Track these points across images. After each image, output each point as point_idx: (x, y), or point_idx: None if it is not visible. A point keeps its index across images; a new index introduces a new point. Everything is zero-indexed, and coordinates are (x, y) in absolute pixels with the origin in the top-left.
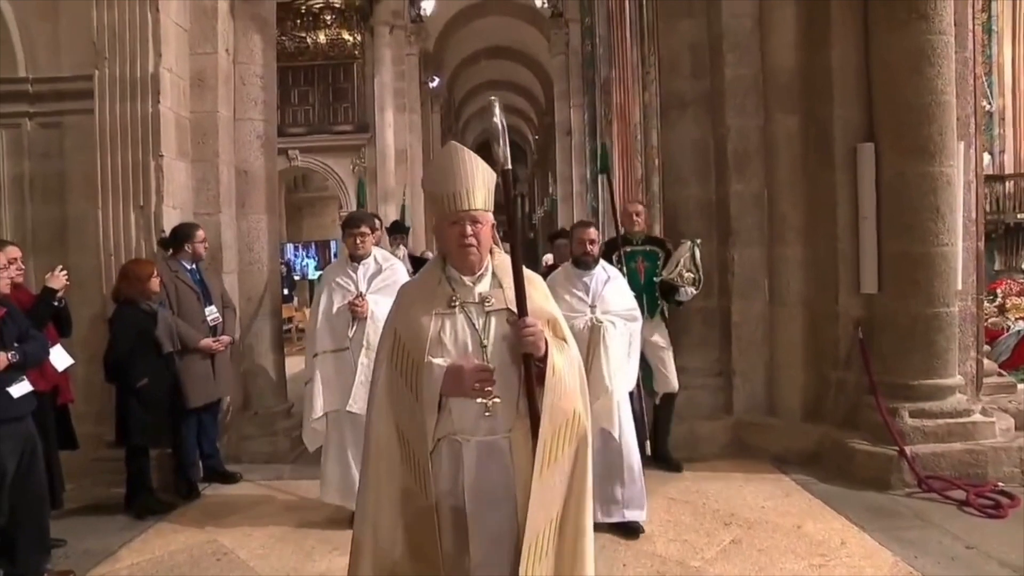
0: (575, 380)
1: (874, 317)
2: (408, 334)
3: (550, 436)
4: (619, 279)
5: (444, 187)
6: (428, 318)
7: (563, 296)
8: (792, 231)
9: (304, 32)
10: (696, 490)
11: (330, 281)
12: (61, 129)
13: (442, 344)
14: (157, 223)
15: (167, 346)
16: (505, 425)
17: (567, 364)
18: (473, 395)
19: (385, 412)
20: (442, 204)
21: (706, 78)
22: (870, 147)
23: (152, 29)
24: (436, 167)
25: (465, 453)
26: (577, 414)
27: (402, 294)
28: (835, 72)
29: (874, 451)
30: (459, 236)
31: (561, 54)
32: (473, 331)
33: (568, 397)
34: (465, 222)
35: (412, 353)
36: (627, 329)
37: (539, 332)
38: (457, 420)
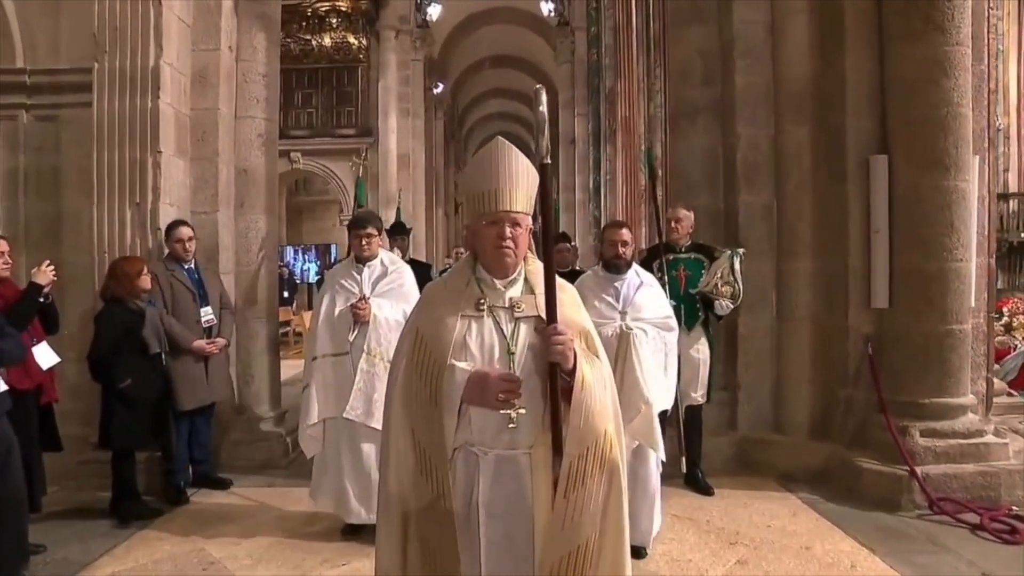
0: (607, 399)
1: (884, 333)
2: (431, 334)
3: (576, 457)
4: (653, 285)
5: (484, 184)
6: (454, 319)
7: (591, 302)
8: (801, 244)
9: (309, 34)
10: (700, 507)
11: (334, 282)
12: (58, 122)
13: (467, 348)
14: (153, 221)
15: (154, 346)
16: (527, 440)
17: (598, 381)
18: (497, 406)
19: (400, 416)
20: (481, 202)
21: (716, 86)
22: (883, 159)
23: (154, 23)
24: (478, 162)
25: (482, 467)
26: (608, 436)
27: (428, 292)
28: (848, 82)
29: (883, 471)
30: (496, 238)
31: (567, 62)
32: (501, 337)
33: (599, 416)
34: (504, 223)
35: (434, 354)
36: (661, 339)
37: (568, 341)
38: (477, 430)
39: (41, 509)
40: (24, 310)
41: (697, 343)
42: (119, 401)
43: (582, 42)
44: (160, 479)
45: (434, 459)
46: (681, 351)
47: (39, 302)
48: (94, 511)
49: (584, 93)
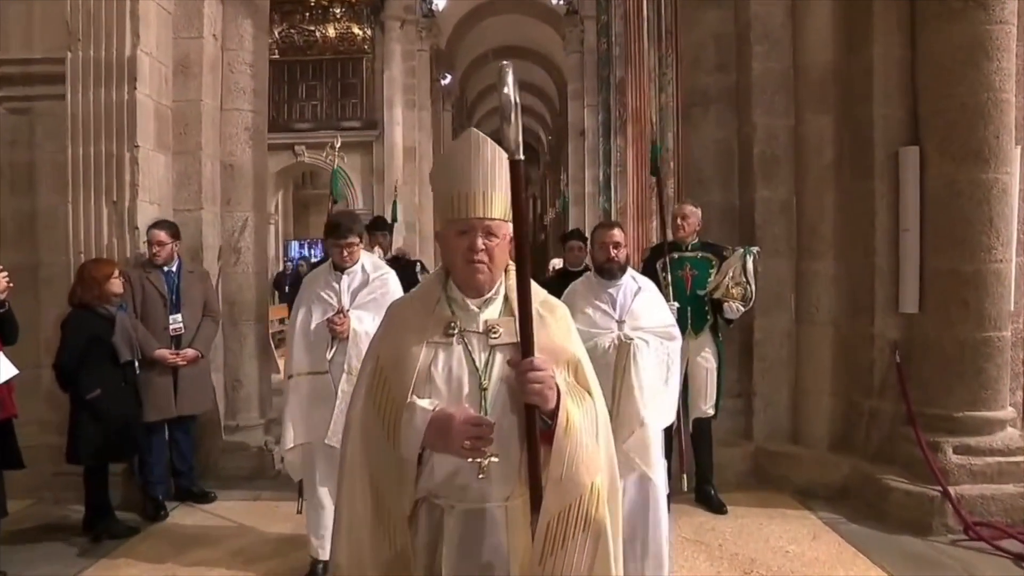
0: (597, 445)
1: (914, 340)
2: (391, 364)
3: (556, 516)
4: (652, 290)
5: (455, 185)
6: (419, 347)
7: (584, 310)
8: (823, 243)
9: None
10: (712, 528)
11: (310, 292)
12: (32, 115)
13: (431, 382)
14: (131, 219)
15: (125, 354)
16: (502, 491)
17: (587, 422)
18: (463, 454)
19: (359, 458)
20: (450, 206)
21: (732, 73)
22: (914, 151)
23: (130, 9)
24: (448, 159)
25: (447, 522)
26: (596, 490)
27: (391, 313)
28: (876, 67)
29: (913, 490)
30: (467, 250)
31: (576, 52)
32: (472, 369)
33: (585, 466)
34: (477, 233)
35: (394, 389)
36: (664, 349)
37: (547, 378)
38: (441, 481)
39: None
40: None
41: (704, 350)
42: (87, 413)
43: (591, 31)
44: (139, 492)
45: (394, 513)
46: (688, 358)
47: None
48: (68, 527)
49: (594, 84)
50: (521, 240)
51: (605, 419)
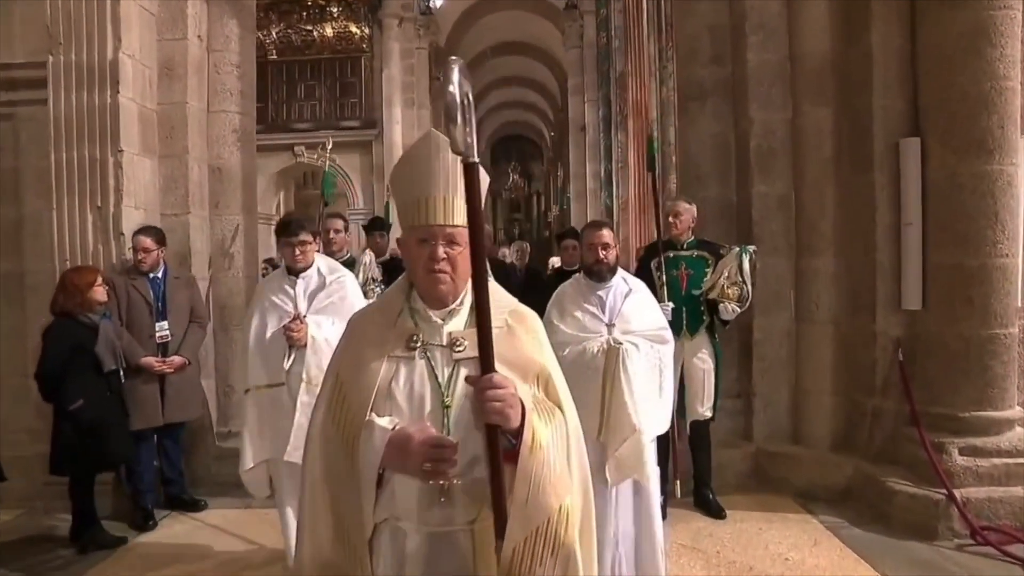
0: (566, 465)
1: (917, 338)
2: (351, 379)
3: (522, 540)
4: (643, 292)
5: (414, 190)
6: (379, 361)
7: (573, 313)
8: (823, 238)
9: (310, 25)
10: (710, 534)
11: (263, 299)
12: (14, 121)
13: (392, 398)
14: (116, 225)
15: (108, 363)
16: (467, 514)
17: (556, 441)
18: (423, 477)
19: (319, 478)
20: (410, 213)
21: (727, 65)
22: (915, 142)
23: (111, 11)
24: (407, 162)
25: (409, 546)
26: (564, 512)
27: (352, 325)
28: (875, 56)
29: (917, 493)
30: (428, 259)
31: (575, 47)
32: (434, 385)
33: (553, 488)
34: (438, 241)
35: (353, 406)
36: (655, 354)
37: (508, 396)
38: (401, 502)
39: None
40: None
41: (701, 351)
42: (70, 423)
43: (591, 25)
44: (128, 502)
45: (353, 537)
46: (684, 360)
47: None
48: (56, 538)
49: (594, 79)
50: (477, 249)
51: (578, 435)
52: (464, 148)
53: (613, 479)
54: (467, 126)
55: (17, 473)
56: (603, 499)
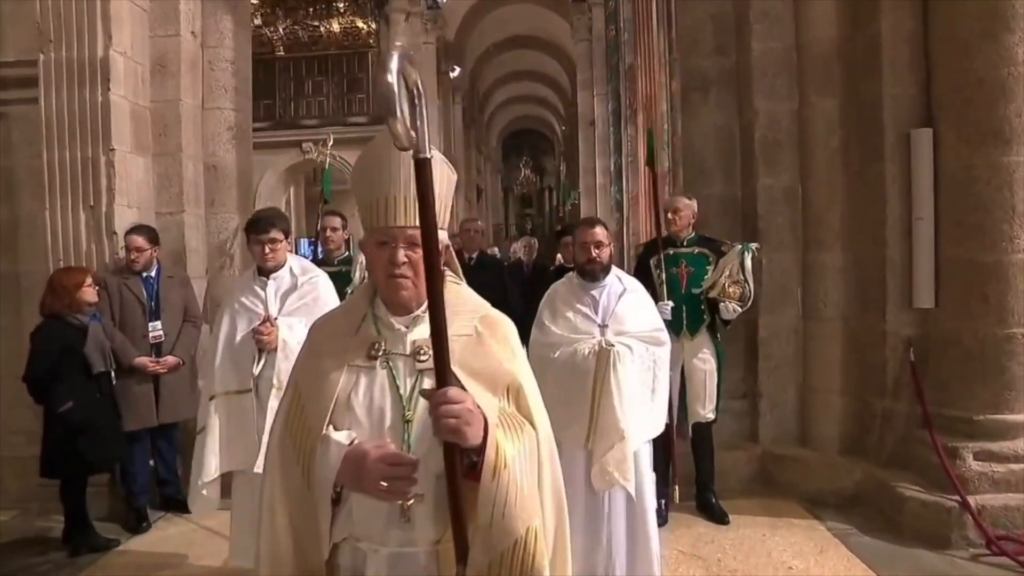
0: (535, 483)
1: (930, 337)
2: (309, 390)
3: (487, 566)
4: (638, 292)
5: (373, 190)
6: (338, 371)
7: (565, 314)
8: (830, 233)
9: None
10: (711, 541)
11: (233, 301)
12: (7, 121)
13: (351, 411)
14: (109, 224)
15: (98, 365)
16: (431, 535)
17: (523, 459)
18: (380, 496)
19: (278, 493)
20: (370, 214)
21: (731, 54)
22: (927, 133)
23: (101, 8)
24: (367, 160)
25: (369, 568)
26: (533, 533)
27: (314, 332)
28: (885, 42)
29: (929, 500)
30: (387, 263)
31: (584, 40)
32: (395, 397)
33: (519, 510)
34: (397, 244)
35: (310, 419)
36: (649, 356)
37: (464, 411)
38: (359, 522)
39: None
40: None
41: (702, 351)
42: (60, 426)
43: (600, 18)
44: (122, 503)
45: (311, 557)
46: (684, 360)
47: None
48: (49, 540)
49: (603, 72)
50: (430, 251)
51: (551, 451)
52: (408, 142)
53: (598, 486)
54: (417, 119)
55: (13, 474)
56: (595, 505)
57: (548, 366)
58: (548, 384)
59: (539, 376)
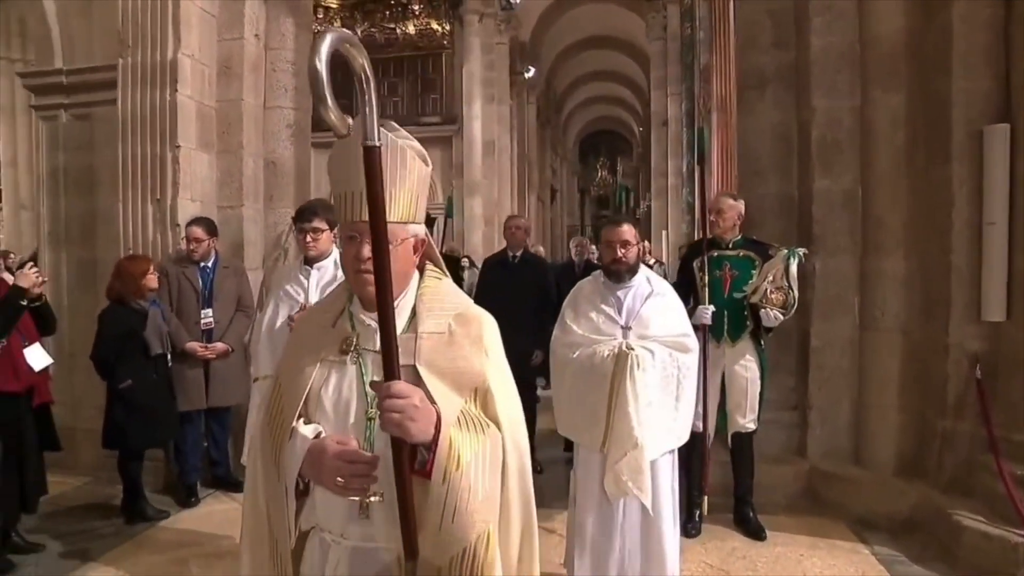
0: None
1: (999, 353)
2: (287, 382)
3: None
4: (667, 295)
5: (341, 184)
6: (312, 365)
7: (588, 314)
8: (892, 238)
9: (393, 23)
10: (743, 556)
11: (278, 288)
12: (91, 121)
13: (321, 405)
14: (173, 216)
15: (155, 347)
16: (392, 532)
17: (483, 460)
18: (337, 492)
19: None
20: (339, 209)
21: (790, 50)
22: (1004, 129)
23: (172, 14)
24: (337, 155)
25: (331, 558)
26: (486, 539)
27: (299, 325)
28: (957, 32)
29: (991, 532)
30: (354, 259)
31: (659, 39)
32: (361, 393)
33: (472, 514)
34: (363, 239)
35: (285, 410)
36: (672, 362)
37: (407, 406)
38: (322, 513)
39: (36, 510)
40: (7, 313)
41: (744, 357)
42: (120, 402)
43: (675, 16)
44: (175, 478)
45: (280, 545)
46: (725, 367)
47: (23, 305)
48: (111, 508)
49: (677, 71)
50: (379, 241)
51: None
52: (343, 129)
53: (612, 494)
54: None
55: (88, 445)
56: (609, 512)
57: (567, 366)
58: (567, 384)
59: (558, 375)
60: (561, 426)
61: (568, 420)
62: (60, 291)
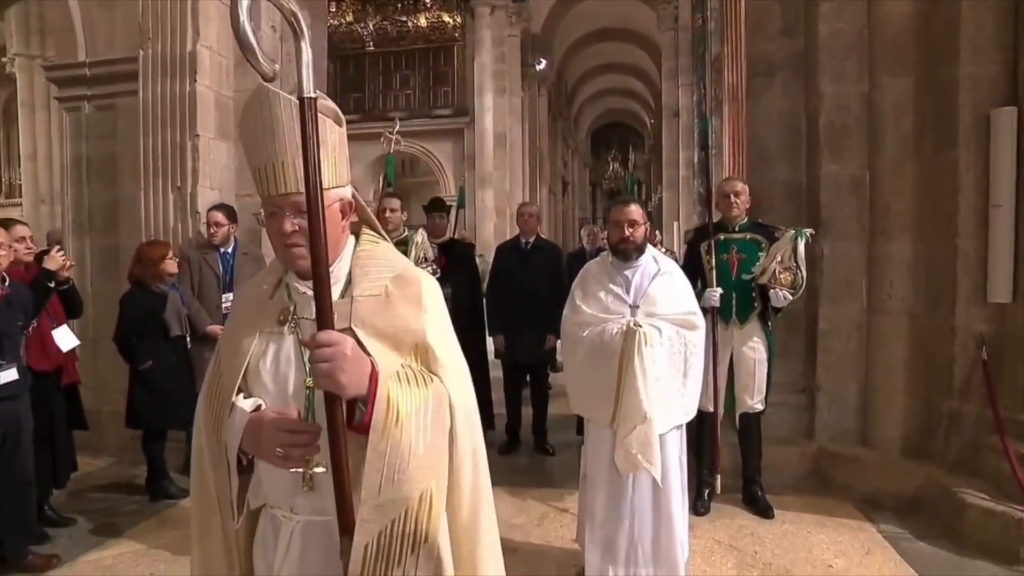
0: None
1: (1005, 334)
2: (227, 357)
3: (376, 536)
4: (674, 274)
5: (252, 159)
6: (251, 337)
7: (596, 293)
8: (899, 222)
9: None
10: (751, 533)
11: None
12: (114, 111)
13: (259, 378)
14: (193, 204)
15: (174, 329)
16: None
17: (424, 413)
18: (278, 464)
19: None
20: (257, 184)
21: (798, 37)
22: (1011, 112)
23: (191, 6)
24: (245, 125)
25: (283, 533)
26: (428, 501)
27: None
28: (965, 16)
29: (996, 509)
30: (278, 234)
31: (670, 30)
32: (299, 363)
33: (414, 471)
34: (284, 213)
35: (224, 386)
36: (680, 339)
37: (337, 354)
38: (268, 489)
39: (65, 485)
40: (36, 296)
41: (752, 339)
42: (141, 382)
43: (686, 7)
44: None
45: (226, 523)
46: (733, 349)
47: (50, 287)
48: (135, 486)
49: (688, 62)
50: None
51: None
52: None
53: (622, 468)
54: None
55: (113, 427)
56: (619, 485)
57: (578, 344)
58: (577, 362)
59: (569, 354)
60: (573, 403)
61: (579, 397)
62: (84, 277)
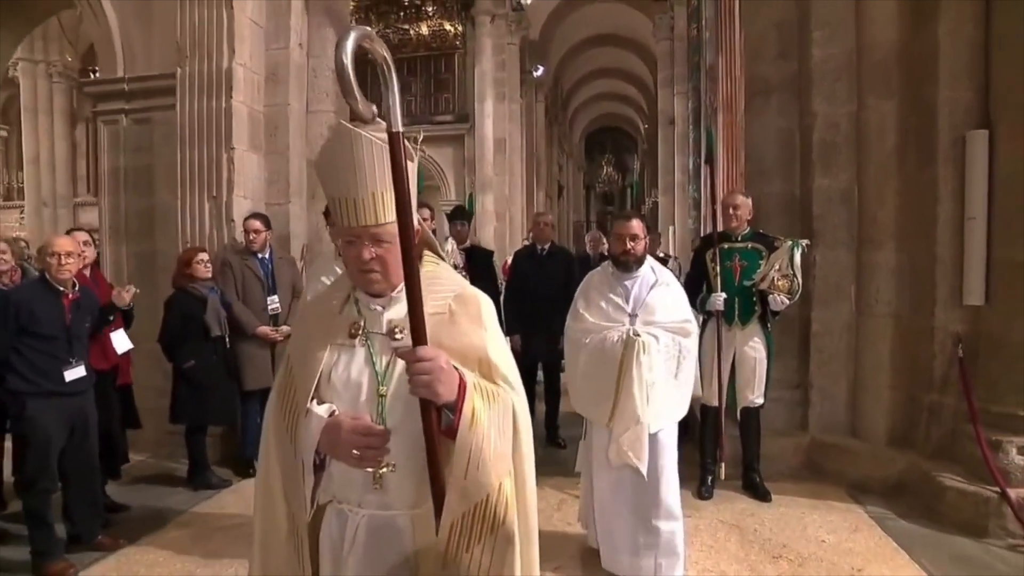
0: (506, 445)
1: (979, 334)
2: (299, 365)
3: (460, 515)
4: (670, 284)
5: (333, 190)
6: (323, 349)
7: (597, 302)
8: (884, 232)
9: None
10: (752, 514)
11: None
12: (151, 125)
13: (332, 386)
14: (228, 212)
15: (214, 330)
16: (404, 500)
17: (496, 417)
18: (353, 464)
19: (273, 461)
20: (336, 212)
21: (793, 60)
22: (983, 135)
23: (227, 27)
24: (325, 159)
25: (350, 527)
26: (504, 493)
27: (303, 312)
28: (943, 45)
29: (968, 489)
30: (355, 260)
31: (666, 39)
32: (371, 372)
33: (492, 465)
34: (363, 242)
35: (298, 392)
36: (675, 345)
37: (436, 368)
38: (339, 485)
39: (120, 476)
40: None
41: (753, 339)
42: (184, 380)
43: (682, 17)
44: (236, 451)
45: (297, 519)
46: (736, 348)
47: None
48: (176, 478)
49: (684, 71)
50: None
51: (525, 420)
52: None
53: (613, 461)
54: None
55: (150, 423)
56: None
57: (580, 350)
58: (580, 366)
59: (572, 358)
60: (574, 403)
61: (580, 398)
62: (120, 283)
